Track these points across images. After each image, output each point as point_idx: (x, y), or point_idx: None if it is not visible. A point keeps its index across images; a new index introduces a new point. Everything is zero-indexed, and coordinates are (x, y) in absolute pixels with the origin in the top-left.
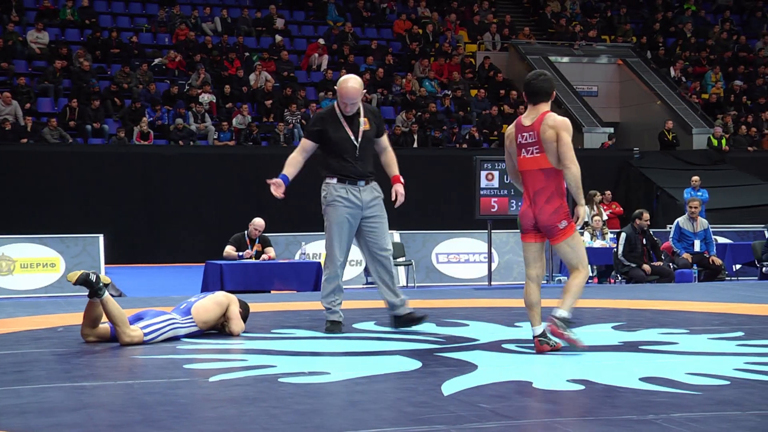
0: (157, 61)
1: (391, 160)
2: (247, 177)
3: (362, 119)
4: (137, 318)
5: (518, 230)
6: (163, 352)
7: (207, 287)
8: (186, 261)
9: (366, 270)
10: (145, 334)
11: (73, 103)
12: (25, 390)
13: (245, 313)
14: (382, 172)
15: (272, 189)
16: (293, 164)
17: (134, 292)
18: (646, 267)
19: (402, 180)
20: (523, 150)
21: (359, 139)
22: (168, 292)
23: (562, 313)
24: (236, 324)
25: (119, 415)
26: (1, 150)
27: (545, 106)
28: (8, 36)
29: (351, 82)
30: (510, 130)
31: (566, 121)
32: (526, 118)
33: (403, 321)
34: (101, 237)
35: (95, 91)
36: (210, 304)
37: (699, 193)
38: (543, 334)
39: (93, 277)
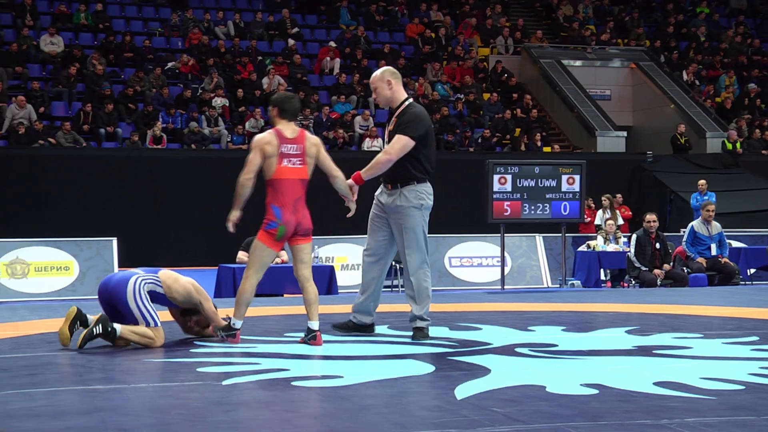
0: (170, 64)
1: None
2: (260, 181)
3: (393, 119)
4: (106, 287)
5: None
6: (176, 356)
7: (220, 291)
8: (199, 264)
9: None
10: (154, 325)
11: (86, 107)
12: (37, 393)
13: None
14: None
15: None
16: None
17: None
18: (657, 271)
19: (358, 180)
20: (286, 160)
21: (386, 140)
22: None
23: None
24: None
25: (132, 419)
26: (16, 154)
27: (294, 125)
28: (22, 40)
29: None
30: (269, 137)
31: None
32: (287, 131)
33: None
34: (115, 240)
35: (108, 94)
36: (185, 279)
37: (705, 197)
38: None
39: (98, 329)
